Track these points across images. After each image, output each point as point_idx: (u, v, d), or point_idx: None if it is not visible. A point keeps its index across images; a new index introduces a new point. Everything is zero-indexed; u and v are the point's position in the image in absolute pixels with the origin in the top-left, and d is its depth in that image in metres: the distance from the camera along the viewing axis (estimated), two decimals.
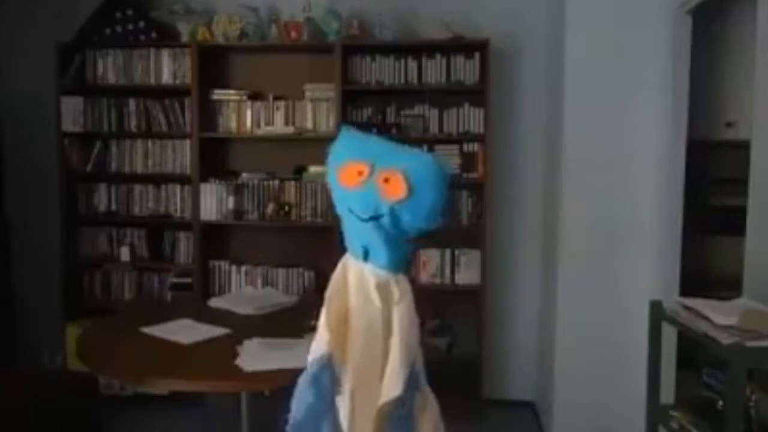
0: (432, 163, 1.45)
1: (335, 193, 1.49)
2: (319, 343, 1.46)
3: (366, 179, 1.41)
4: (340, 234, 1.55)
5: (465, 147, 3.63)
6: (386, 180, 1.39)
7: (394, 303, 1.43)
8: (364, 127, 3.61)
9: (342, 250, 1.56)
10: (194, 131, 3.71)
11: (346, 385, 1.44)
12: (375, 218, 1.41)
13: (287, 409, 1.50)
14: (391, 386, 1.39)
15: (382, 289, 1.43)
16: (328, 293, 1.49)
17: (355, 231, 1.46)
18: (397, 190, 1.38)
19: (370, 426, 1.41)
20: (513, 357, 3.88)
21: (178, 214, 3.85)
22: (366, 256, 1.45)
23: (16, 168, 3.88)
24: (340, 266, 1.51)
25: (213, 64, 3.83)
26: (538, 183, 3.78)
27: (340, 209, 1.49)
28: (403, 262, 1.49)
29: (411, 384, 1.43)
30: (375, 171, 1.41)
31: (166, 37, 3.78)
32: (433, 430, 1.50)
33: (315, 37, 3.67)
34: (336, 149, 1.52)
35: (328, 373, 1.43)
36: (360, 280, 1.45)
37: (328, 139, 3.85)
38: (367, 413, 1.42)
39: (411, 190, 1.39)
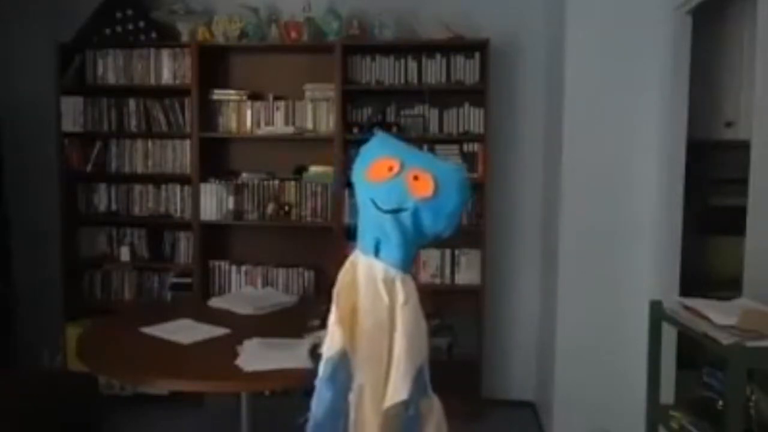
0: (459, 172, 1.54)
1: (359, 186, 1.54)
2: (333, 340, 1.48)
3: (396, 174, 1.46)
4: (349, 231, 1.58)
5: (465, 147, 3.63)
6: (416, 178, 1.45)
7: (400, 304, 1.44)
8: (365, 127, 3.62)
9: (340, 248, 1.58)
10: (194, 131, 3.71)
11: (355, 381, 1.46)
12: (397, 211, 1.42)
13: (302, 410, 1.51)
14: (397, 389, 1.40)
15: (388, 285, 1.45)
16: (337, 288, 1.50)
17: (370, 224, 1.49)
18: (425, 188, 1.44)
19: (375, 422, 1.42)
20: (513, 357, 3.88)
21: (178, 214, 3.85)
22: (377, 251, 1.47)
23: (16, 168, 3.88)
24: (349, 262, 1.53)
25: (213, 64, 3.83)
26: (538, 183, 3.78)
27: (361, 201, 1.52)
28: (410, 263, 1.51)
29: (419, 387, 1.44)
30: (405, 168, 1.47)
31: (166, 37, 3.78)
32: None
33: (315, 37, 3.67)
34: (368, 148, 1.58)
35: (344, 369, 1.46)
36: (368, 275, 1.48)
37: (328, 139, 3.86)
38: (372, 409, 1.43)
39: (437, 192, 1.44)
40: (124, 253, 3.85)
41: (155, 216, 3.86)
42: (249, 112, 3.77)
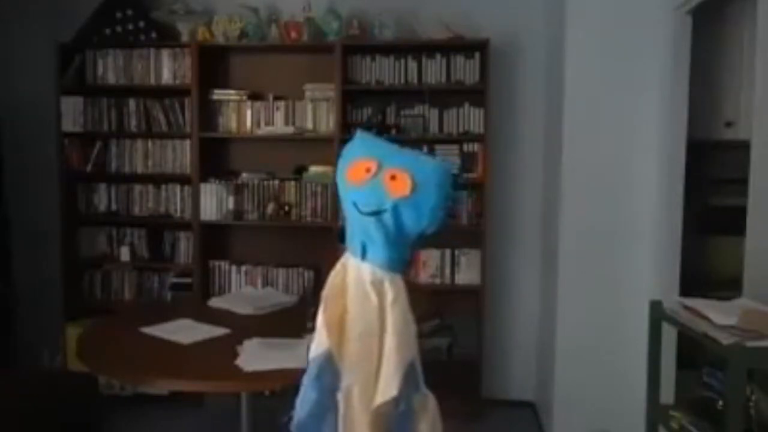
0: (438, 167, 1.50)
1: (342, 189, 1.53)
2: (319, 342, 1.48)
3: (373, 175, 1.45)
4: (341, 234, 1.57)
5: (465, 147, 3.63)
6: (393, 177, 1.44)
7: (389, 303, 1.44)
8: (364, 127, 3.61)
9: (339, 249, 1.57)
10: (194, 131, 3.71)
11: (344, 382, 1.45)
12: (377, 213, 1.42)
13: (288, 409, 1.51)
14: (387, 387, 1.41)
15: (377, 286, 1.45)
16: (326, 291, 1.51)
17: (356, 226, 1.49)
18: (402, 187, 1.43)
19: (365, 423, 1.42)
20: (513, 357, 3.88)
21: (178, 214, 3.85)
22: (364, 253, 1.47)
23: (16, 168, 3.88)
24: (339, 264, 1.52)
25: (213, 64, 3.83)
26: (538, 183, 3.78)
27: (345, 204, 1.52)
28: (401, 263, 1.50)
29: (411, 383, 1.44)
30: (382, 168, 1.46)
31: (166, 37, 3.78)
32: (431, 429, 1.50)
33: (315, 37, 3.67)
34: (349, 148, 1.57)
35: (329, 371, 1.45)
36: (357, 277, 1.48)
37: (328, 139, 3.85)
38: (361, 408, 1.43)
39: (415, 189, 1.43)
40: (124, 253, 3.85)
41: (155, 216, 3.86)
42: (249, 112, 3.77)
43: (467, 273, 3.65)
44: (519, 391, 3.87)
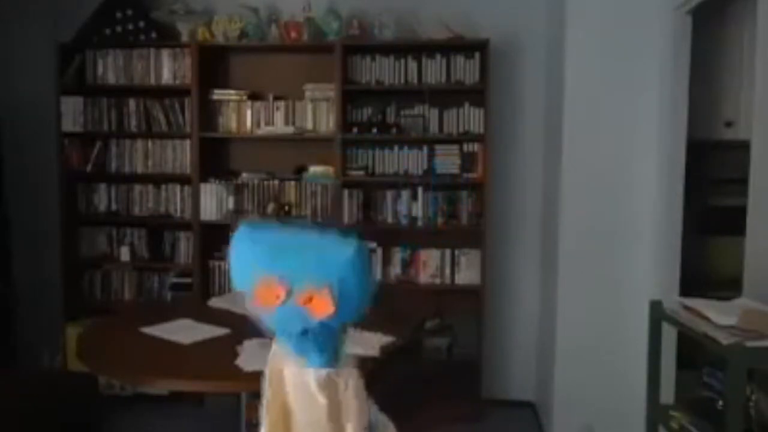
0: (354, 255, 1.29)
1: (254, 310, 1.32)
2: None
3: (285, 301, 1.27)
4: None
5: (465, 147, 3.63)
6: (310, 299, 1.27)
7: (341, 392, 1.32)
8: (364, 127, 3.62)
9: None
10: (194, 131, 3.71)
11: None
12: (304, 332, 1.29)
13: None
14: None
15: (325, 385, 1.32)
16: (265, 391, 1.37)
17: (284, 336, 1.34)
18: (324, 308, 1.26)
19: None
20: (513, 357, 3.88)
21: (178, 214, 3.85)
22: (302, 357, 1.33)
23: (16, 168, 3.87)
24: (272, 356, 1.38)
25: (213, 64, 3.83)
26: (538, 183, 3.78)
27: (264, 325, 1.34)
28: (341, 351, 1.35)
29: None
30: (294, 292, 1.27)
31: (166, 37, 3.78)
32: None
33: (315, 37, 3.67)
34: (240, 257, 1.34)
35: None
36: (298, 375, 1.33)
37: (328, 139, 3.84)
38: None
39: (339, 301, 1.26)
40: (124, 253, 3.85)
41: (155, 216, 3.86)
42: (249, 112, 3.77)
43: (467, 273, 3.65)
44: (519, 391, 3.87)
